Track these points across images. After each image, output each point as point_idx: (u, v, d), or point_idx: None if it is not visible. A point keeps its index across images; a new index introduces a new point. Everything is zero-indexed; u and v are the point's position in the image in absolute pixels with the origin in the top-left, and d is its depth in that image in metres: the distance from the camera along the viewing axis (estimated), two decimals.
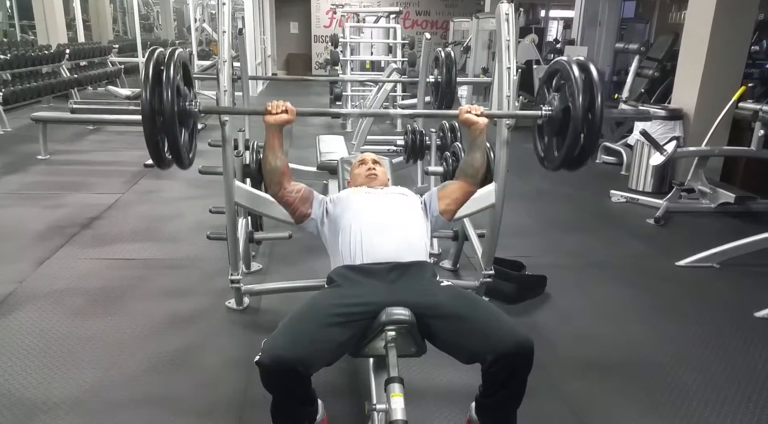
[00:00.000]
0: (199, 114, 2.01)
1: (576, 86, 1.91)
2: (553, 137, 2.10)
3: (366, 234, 1.80)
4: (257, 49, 10.81)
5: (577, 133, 1.92)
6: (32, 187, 4.51)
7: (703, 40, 4.57)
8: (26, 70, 7.73)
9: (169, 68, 1.81)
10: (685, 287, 3.04)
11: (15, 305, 2.59)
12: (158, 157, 1.89)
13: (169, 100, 1.79)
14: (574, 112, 1.91)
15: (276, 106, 1.85)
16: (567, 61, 2.00)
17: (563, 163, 2.04)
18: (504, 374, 1.56)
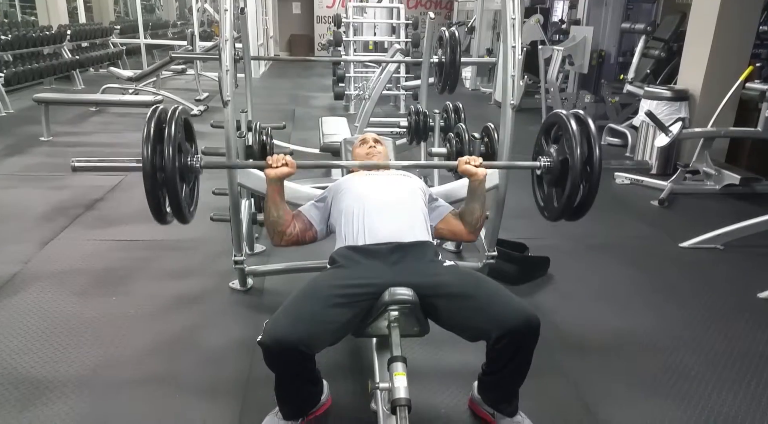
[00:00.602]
0: (200, 170, 1.99)
1: (574, 138, 1.91)
2: (552, 188, 2.10)
3: (368, 215, 1.81)
4: (259, 29, 10.70)
5: (575, 184, 1.92)
6: (35, 168, 4.51)
7: (711, 20, 4.50)
8: (27, 51, 7.68)
9: (170, 126, 1.77)
10: (689, 269, 3.04)
11: (20, 286, 2.61)
12: (158, 212, 1.85)
13: (170, 158, 1.76)
14: (573, 163, 1.91)
15: (276, 160, 1.83)
16: (565, 114, 1.99)
17: (563, 213, 2.05)
18: (509, 351, 1.58)
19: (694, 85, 4.69)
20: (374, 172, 2.05)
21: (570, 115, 1.98)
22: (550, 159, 2.03)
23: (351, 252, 1.76)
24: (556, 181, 2.04)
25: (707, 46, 4.55)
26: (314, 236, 1.98)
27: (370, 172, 2.06)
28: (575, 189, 1.93)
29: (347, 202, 1.89)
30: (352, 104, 7.50)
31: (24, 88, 7.48)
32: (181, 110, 1.88)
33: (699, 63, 4.65)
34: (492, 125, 2.88)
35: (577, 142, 1.90)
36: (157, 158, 1.76)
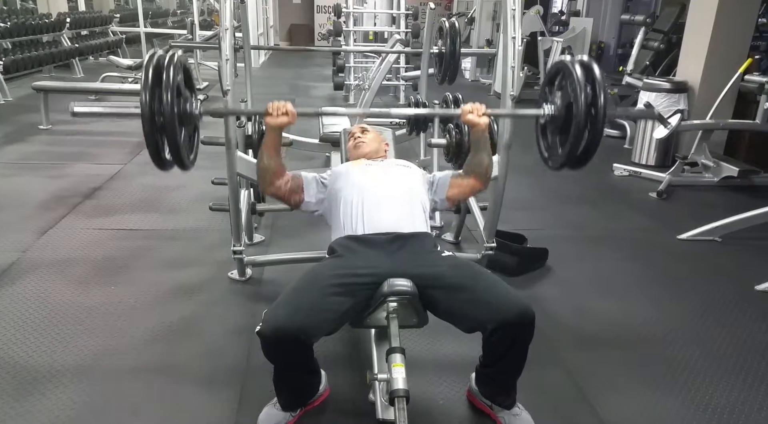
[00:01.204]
0: (200, 116, 1.98)
1: (578, 84, 1.87)
2: (555, 136, 2.07)
3: (367, 206, 1.81)
4: (259, 18, 10.63)
5: (579, 131, 1.89)
6: (34, 157, 4.50)
7: (710, 12, 4.49)
8: (27, 38, 7.64)
9: (168, 71, 1.77)
10: (687, 261, 3.05)
11: (18, 275, 2.62)
12: (158, 158, 1.84)
13: (169, 103, 1.75)
14: (577, 109, 1.87)
15: (276, 109, 1.82)
16: (569, 61, 1.97)
17: (566, 162, 2.01)
18: (505, 344, 1.58)
19: (693, 77, 4.68)
20: (374, 164, 2.03)
21: (575, 62, 1.94)
22: (554, 106, 2.01)
23: (350, 241, 1.76)
24: (560, 129, 2.01)
25: (706, 38, 4.53)
26: (298, 202, 1.97)
27: (369, 163, 2.04)
28: (579, 136, 1.89)
29: (346, 192, 1.88)
30: (351, 94, 7.47)
31: (23, 76, 7.44)
32: (180, 56, 1.86)
33: (698, 55, 4.63)
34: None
35: (582, 87, 1.86)
36: (156, 103, 1.75)
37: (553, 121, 2.04)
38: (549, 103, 2.04)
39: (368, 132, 2.20)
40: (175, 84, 1.78)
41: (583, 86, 1.87)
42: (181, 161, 1.89)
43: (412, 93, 5.90)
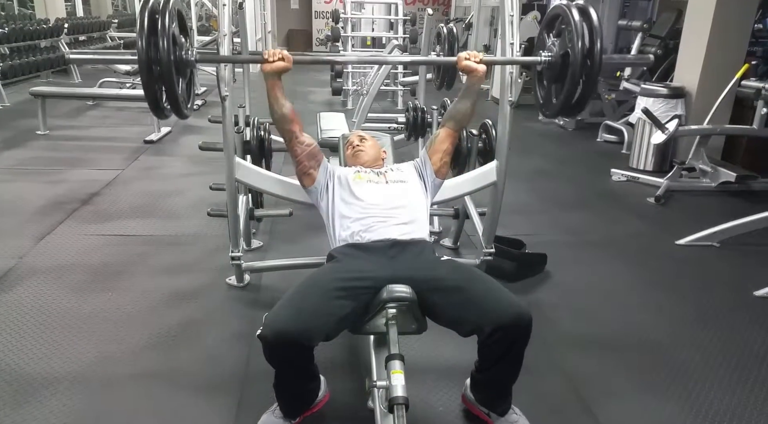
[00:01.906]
0: (195, 63, 2.01)
1: (575, 31, 1.91)
2: (552, 84, 2.12)
3: (369, 225, 1.81)
4: (257, 24, 10.65)
5: (575, 78, 1.93)
6: (32, 162, 4.49)
7: (707, 18, 4.50)
8: (24, 44, 7.63)
9: (164, 17, 1.78)
10: (685, 266, 3.05)
11: (15, 281, 2.60)
12: (156, 106, 1.90)
13: (165, 49, 1.78)
14: (573, 57, 1.91)
15: (272, 55, 1.86)
16: (567, 5, 1.99)
17: (562, 109, 2.08)
18: (501, 347, 1.58)
19: (690, 82, 4.69)
20: (373, 179, 1.96)
21: (572, 6, 1.98)
22: (551, 54, 2.06)
23: (350, 249, 1.77)
24: (556, 77, 2.06)
25: (703, 44, 4.55)
26: (309, 176, 1.98)
27: (369, 178, 1.96)
28: (575, 83, 1.94)
29: (343, 208, 1.87)
30: (350, 99, 7.48)
31: (21, 81, 7.43)
32: (174, 1, 1.88)
33: (695, 61, 4.65)
34: (490, 122, 2.88)
35: (579, 34, 1.90)
36: (152, 50, 1.78)
37: (550, 68, 2.07)
38: (546, 51, 2.08)
39: (366, 140, 2.17)
40: (171, 30, 1.81)
41: (580, 33, 1.90)
42: (178, 108, 1.94)
43: (410, 98, 5.90)
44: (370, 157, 2.10)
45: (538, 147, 5.35)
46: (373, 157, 2.11)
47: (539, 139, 5.77)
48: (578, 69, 1.91)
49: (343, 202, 1.89)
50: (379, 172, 2.00)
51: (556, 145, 5.63)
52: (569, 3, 2.01)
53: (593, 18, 1.93)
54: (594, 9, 2.00)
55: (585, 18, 1.94)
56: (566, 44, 1.94)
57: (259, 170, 2.49)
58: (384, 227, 1.79)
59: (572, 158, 5.27)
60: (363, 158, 2.08)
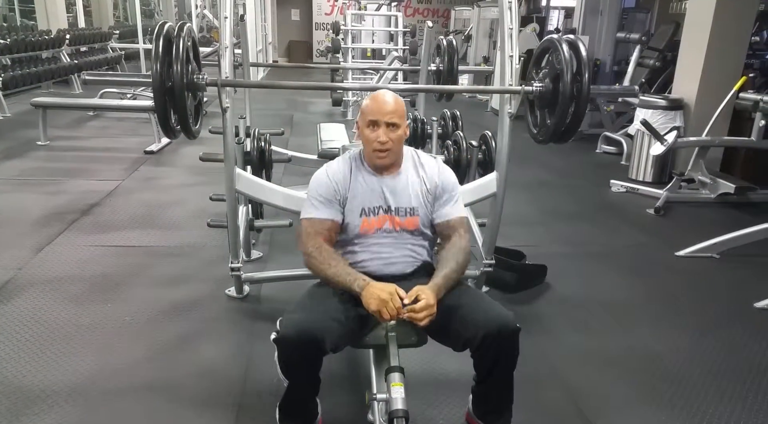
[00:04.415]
0: (205, 86, 2.08)
1: (565, 63, 2.02)
2: (543, 112, 2.21)
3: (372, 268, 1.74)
4: (258, 35, 10.73)
5: (565, 107, 2.05)
6: (32, 173, 4.49)
7: (705, 31, 4.54)
8: (26, 55, 7.67)
9: (178, 42, 1.86)
10: (685, 278, 3.05)
11: (13, 292, 2.59)
12: (167, 127, 2.00)
13: (179, 74, 1.89)
14: (563, 87, 2.03)
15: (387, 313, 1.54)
16: (557, 38, 2.09)
17: (552, 136, 2.16)
18: (490, 358, 1.58)
19: (688, 94, 4.72)
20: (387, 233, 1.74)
21: (562, 40, 2.09)
22: (542, 84, 2.16)
23: None
24: (547, 105, 2.16)
25: (701, 56, 4.58)
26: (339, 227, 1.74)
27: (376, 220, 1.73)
28: (564, 112, 2.05)
29: (355, 249, 1.75)
30: (350, 110, 7.51)
31: (22, 91, 7.46)
32: (189, 27, 1.99)
33: (693, 73, 4.68)
34: (489, 133, 2.90)
35: (568, 66, 2.01)
36: (165, 74, 1.88)
37: (541, 98, 2.17)
38: (538, 81, 2.19)
39: (395, 130, 1.69)
40: (185, 54, 1.89)
41: (569, 65, 2.02)
42: (187, 129, 2.04)
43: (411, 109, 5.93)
44: (391, 161, 1.74)
45: (538, 158, 5.36)
46: (394, 159, 1.75)
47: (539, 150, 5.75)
48: (568, 98, 2.02)
49: (350, 241, 1.76)
50: (388, 210, 1.73)
51: (556, 156, 5.64)
52: (560, 37, 2.12)
53: (581, 50, 2.05)
54: (593, 22, 2.11)
55: (573, 50, 2.05)
56: (556, 75, 2.06)
57: (259, 181, 2.49)
58: (387, 267, 1.75)
59: (572, 169, 5.28)
60: (383, 162, 1.72)
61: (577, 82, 2.05)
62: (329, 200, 1.72)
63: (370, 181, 1.75)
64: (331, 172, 1.76)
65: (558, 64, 2.08)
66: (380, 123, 1.69)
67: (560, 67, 2.06)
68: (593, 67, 6.94)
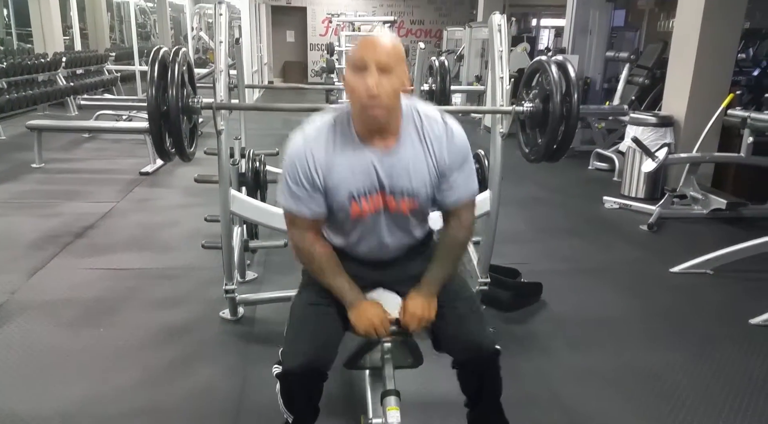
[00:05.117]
0: (200, 109, 2.10)
1: (554, 84, 2.07)
2: (534, 132, 2.26)
3: (362, 244, 1.55)
4: (254, 57, 10.83)
5: (555, 128, 2.09)
6: (26, 195, 4.48)
7: (691, 49, 4.62)
8: (22, 78, 7.71)
9: (174, 67, 1.88)
10: (680, 294, 3.05)
11: (6, 317, 2.57)
12: (162, 151, 2.03)
13: (174, 98, 1.91)
14: (553, 108, 2.07)
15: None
16: (546, 60, 2.12)
17: (544, 155, 2.21)
18: (472, 382, 1.57)
19: (678, 111, 4.78)
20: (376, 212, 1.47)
21: (551, 62, 2.14)
22: (533, 104, 2.20)
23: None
24: (538, 125, 2.20)
25: (689, 74, 4.66)
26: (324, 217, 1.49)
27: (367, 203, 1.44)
28: (555, 132, 2.09)
29: (338, 228, 1.54)
30: None
31: (18, 114, 7.48)
32: (184, 52, 2.01)
33: (682, 90, 4.75)
34: (482, 152, 2.92)
35: (557, 87, 2.06)
36: (160, 98, 1.90)
37: (532, 118, 2.21)
38: (528, 102, 2.23)
39: (388, 75, 1.30)
40: (180, 78, 1.91)
41: (558, 86, 2.06)
42: (182, 152, 2.07)
43: None
44: (384, 118, 1.35)
45: (531, 174, 5.39)
46: (388, 116, 1.36)
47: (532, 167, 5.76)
48: (558, 118, 2.07)
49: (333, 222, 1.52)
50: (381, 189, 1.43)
51: (549, 173, 5.66)
52: (549, 58, 2.17)
53: (570, 71, 2.10)
54: (582, 41, 2.17)
55: (562, 71, 2.10)
56: (546, 96, 2.11)
57: (253, 202, 2.50)
58: (381, 251, 1.56)
59: (565, 186, 5.32)
60: (374, 115, 1.34)
61: (566, 103, 2.10)
62: (307, 190, 1.41)
63: (358, 157, 1.39)
64: (309, 144, 1.41)
65: (547, 85, 2.12)
66: (369, 66, 1.28)
67: (550, 87, 2.11)
68: (584, 86, 7.02)
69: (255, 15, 11.39)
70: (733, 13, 4.60)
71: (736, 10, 4.60)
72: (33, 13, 9.45)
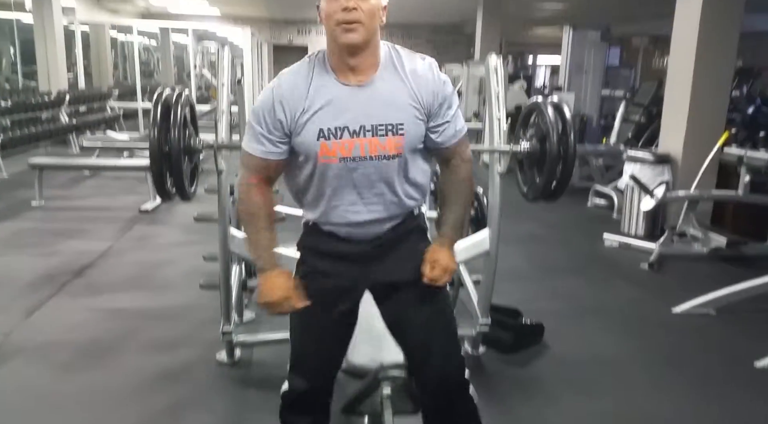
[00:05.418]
0: (202, 150, 2.14)
1: (550, 125, 2.11)
2: (532, 171, 2.29)
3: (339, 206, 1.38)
4: (255, 93, 11.01)
5: (552, 168, 2.12)
6: (25, 234, 4.47)
7: (686, 87, 4.69)
8: (26, 116, 7.80)
9: (176, 108, 1.93)
10: (683, 335, 3.02)
11: (0, 359, 2.53)
12: (163, 191, 2.06)
13: (176, 139, 1.96)
14: (550, 148, 2.11)
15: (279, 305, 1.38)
16: (542, 102, 2.16)
17: (542, 194, 2.24)
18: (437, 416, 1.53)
19: (675, 149, 4.82)
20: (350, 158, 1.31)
21: (547, 103, 2.17)
22: (530, 144, 2.23)
23: (317, 243, 1.45)
24: (535, 165, 2.23)
25: (684, 112, 4.71)
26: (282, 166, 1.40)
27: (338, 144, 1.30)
28: (552, 172, 2.12)
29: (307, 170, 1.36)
30: None
31: (20, 152, 7.53)
32: (187, 95, 2.07)
33: (678, 128, 4.80)
34: (481, 190, 2.92)
35: (553, 128, 2.09)
36: (163, 139, 1.95)
37: (529, 158, 2.25)
38: (525, 141, 2.26)
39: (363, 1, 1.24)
40: (182, 120, 1.95)
41: (554, 127, 2.10)
42: (183, 193, 2.11)
43: None
44: (362, 38, 1.26)
45: (530, 211, 5.38)
46: (366, 38, 1.27)
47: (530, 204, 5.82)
48: (555, 158, 2.10)
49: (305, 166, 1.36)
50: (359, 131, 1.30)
51: (548, 209, 5.63)
52: (545, 100, 2.22)
53: (566, 112, 2.15)
54: (578, 79, 2.23)
55: (558, 112, 2.14)
56: (543, 136, 2.15)
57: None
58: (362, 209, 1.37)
59: (564, 223, 5.32)
60: (351, 40, 1.26)
61: (563, 143, 2.12)
62: (267, 128, 1.33)
63: (335, 91, 1.30)
64: (283, 84, 1.34)
65: (544, 126, 2.16)
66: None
67: (546, 128, 2.14)
68: (580, 123, 7.12)
69: (257, 53, 11.64)
70: (725, 52, 4.68)
71: (727, 49, 4.68)
72: (39, 52, 9.62)
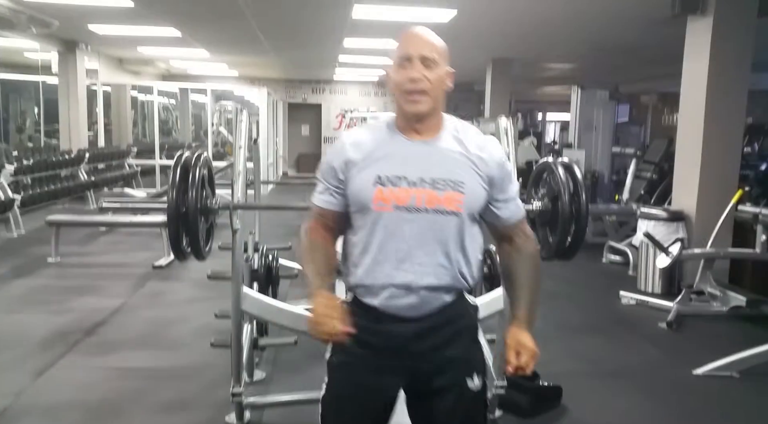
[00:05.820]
0: (218, 210, 2.19)
1: (561, 185, 2.12)
2: (545, 230, 2.28)
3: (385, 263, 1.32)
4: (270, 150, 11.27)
5: (565, 228, 2.12)
6: (40, 291, 4.50)
7: (697, 145, 4.67)
8: (46, 174, 8.01)
9: (195, 170, 2.00)
10: (706, 399, 2.91)
11: (9, 422, 2.50)
12: (178, 251, 2.10)
13: (193, 200, 2.02)
14: (562, 208, 2.12)
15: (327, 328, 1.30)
16: (553, 161, 2.19)
17: (556, 253, 2.23)
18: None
19: (688, 206, 4.78)
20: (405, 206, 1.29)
21: (558, 163, 2.18)
22: (542, 204, 2.22)
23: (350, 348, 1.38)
24: (548, 224, 2.21)
25: (696, 169, 4.68)
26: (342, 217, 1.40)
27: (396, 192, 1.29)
28: (565, 232, 2.11)
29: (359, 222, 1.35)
30: None
31: (38, 208, 7.69)
32: (205, 157, 2.13)
33: (690, 185, 4.77)
34: (493, 248, 2.92)
35: (565, 188, 2.10)
36: (181, 200, 2.00)
37: (541, 217, 2.24)
38: (537, 201, 2.26)
39: (432, 69, 1.29)
40: (201, 182, 2.05)
41: (566, 187, 2.11)
42: (198, 252, 2.14)
43: None
44: (428, 107, 1.30)
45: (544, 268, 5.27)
46: (432, 106, 1.31)
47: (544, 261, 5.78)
48: (567, 218, 2.11)
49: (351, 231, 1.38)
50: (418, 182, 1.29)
51: (562, 265, 5.56)
52: (555, 160, 2.25)
53: (577, 172, 2.17)
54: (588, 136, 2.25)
55: (569, 172, 2.16)
56: (554, 196, 2.16)
57: (265, 300, 2.49)
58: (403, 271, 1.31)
59: (579, 280, 5.25)
60: (417, 109, 1.30)
61: (575, 203, 2.12)
62: (328, 182, 1.40)
63: (398, 145, 1.33)
64: (352, 135, 1.41)
65: (555, 186, 2.16)
66: (413, 58, 1.28)
67: (558, 188, 2.14)
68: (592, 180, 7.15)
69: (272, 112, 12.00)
70: (734, 110, 4.68)
71: (736, 106, 4.68)
72: (62, 112, 9.95)
